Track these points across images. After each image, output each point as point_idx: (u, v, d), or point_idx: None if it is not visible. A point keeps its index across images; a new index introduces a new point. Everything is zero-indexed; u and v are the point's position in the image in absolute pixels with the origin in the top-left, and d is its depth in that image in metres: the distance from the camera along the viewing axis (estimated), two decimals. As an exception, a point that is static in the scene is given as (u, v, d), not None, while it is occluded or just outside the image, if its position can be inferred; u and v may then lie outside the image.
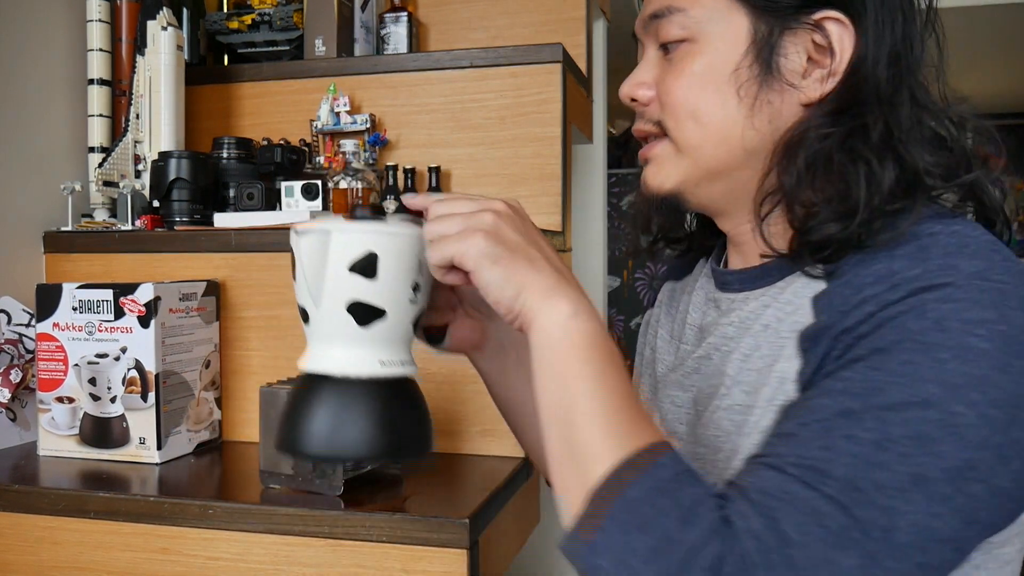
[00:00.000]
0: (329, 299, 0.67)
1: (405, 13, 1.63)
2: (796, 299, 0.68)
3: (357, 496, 1.01)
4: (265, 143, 1.49)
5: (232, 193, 1.40)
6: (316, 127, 1.51)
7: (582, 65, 1.65)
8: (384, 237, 0.67)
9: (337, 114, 1.50)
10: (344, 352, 0.68)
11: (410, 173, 1.48)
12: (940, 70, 0.72)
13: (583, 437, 0.60)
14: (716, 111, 0.71)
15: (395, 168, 1.47)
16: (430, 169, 1.48)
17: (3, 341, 1.25)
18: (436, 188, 1.47)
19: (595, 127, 1.99)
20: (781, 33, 0.70)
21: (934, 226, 0.63)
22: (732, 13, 0.71)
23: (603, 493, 0.57)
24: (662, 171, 0.76)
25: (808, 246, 0.67)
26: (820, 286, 0.67)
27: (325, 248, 0.66)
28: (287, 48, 1.61)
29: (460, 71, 1.48)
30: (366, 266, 0.67)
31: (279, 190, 1.36)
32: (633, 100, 0.77)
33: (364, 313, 0.68)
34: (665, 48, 0.75)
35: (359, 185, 1.42)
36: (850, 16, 0.69)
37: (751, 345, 0.70)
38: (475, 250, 0.64)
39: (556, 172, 1.44)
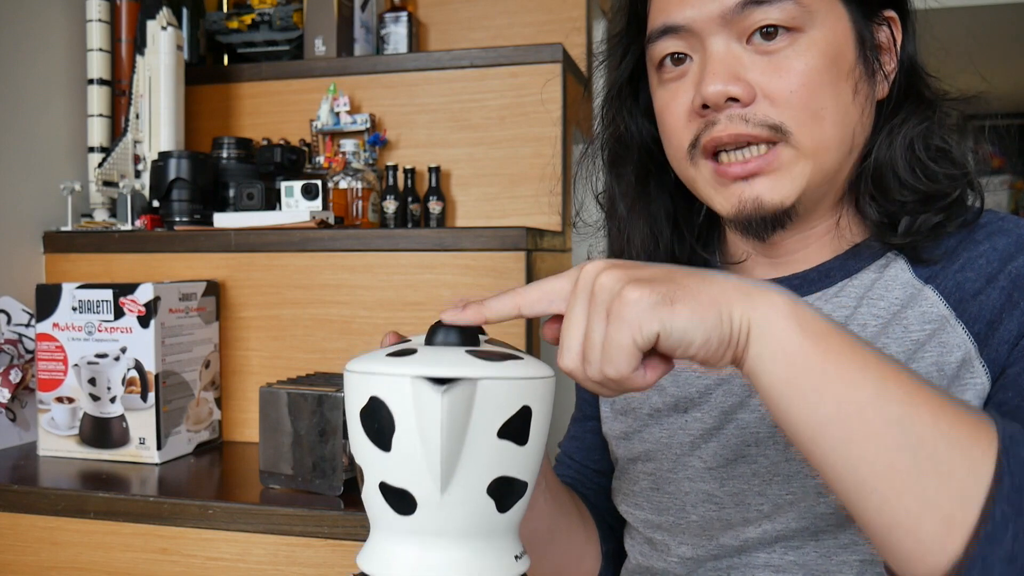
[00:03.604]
0: (465, 478, 0.48)
1: (405, 13, 1.63)
2: (891, 291, 0.69)
3: (357, 496, 1.01)
4: (265, 143, 1.50)
5: (232, 193, 1.40)
6: (316, 127, 1.51)
7: (582, 65, 1.65)
8: (539, 384, 0.50)
9: (337, 114, 1.50)
10: (474, 551, 0.50)
11: (410, 173, 1.48)
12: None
13: (933, 439, 0.48)
14: (837, 109, 0.67)
15: (395, 168, 1.47)
16: (430, 169, 1.48)
17: (3, 341, 1.25)
18: (436, 188, 1.47)
19: (594, 126, 1.99)
20: (870, 28, 0.70)
21: (984, 215, 0.69)
22: (833, 4, 0.67)
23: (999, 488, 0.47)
24: (783, 184, 0.67)
25: (922, 232, 0.68)
26: (907, 272, 0.69)
27: (469, 407, 0.47)
28: (287, 48, 1.61)
29: (460, 71, 1.48)
30: (520, 427, 0.49)
31: (279, 190, 1.36)
32: (731, 99, 0.66)
33: (507, 491, 0.50)
34: (759, 40, 0.66)
35: (359, 185, 1.42)
36: (899, 15, 0.71)
37: None
38: (641, 308, 0.48)
39: (556, 172, 1.44)
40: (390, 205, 1.45)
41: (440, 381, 0.47)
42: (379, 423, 0.49)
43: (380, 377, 0.48)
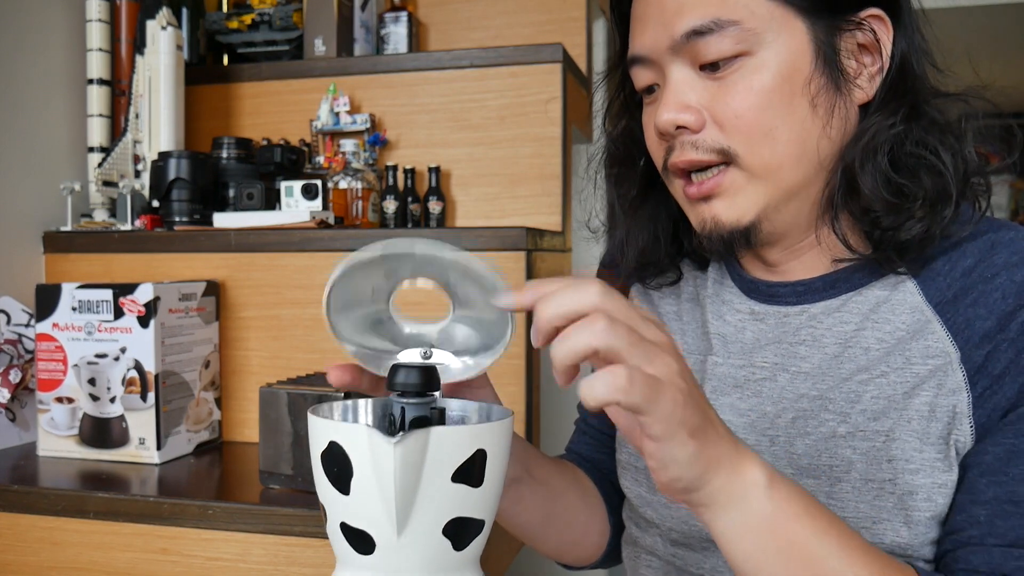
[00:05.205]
0: (420, 520, 0.50)
1: (405, 13, 1.63)
2: (897, 315, 0.68)
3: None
4: (265, 143, 1.49)
5: (232, 193, 1.40)
6: (316, 127, 1.51)
7: (582, 65, 1.65)
8: (494, 428, 0.52)
9: (337, 114, 1.50)
10: None
11: (410, 173, 1.48)
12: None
13: None
14: (792, 126, 0.67)
15: (395, 168, 1.47)
16: (430, 169, 1.48)
17: (3, 341, 1.25)
18: (436, 188, 1.47)
19: (595, 127, 1.99)
20: (837, 35, 0.68)
21: (1007, 232, 0.67)
22: (788, 19, 0.67)
23: None
24: (738, 203, 0.69)
25: (895, 245, 0.67)
26: (916, 296, 0.67)
27: (423, 456, 0.49)
28: (287, 48, 1.61)
29: (460, 71, 1.48)
30: (474, 471, 0.51)
31: (279, 190, 1.36)
32: (680, 128, 0.68)
33: (463, 531, 0.52)
34: (710, 66, 0.67)
35: (359, 185, 1.42)
36: (889, 13, 0.69)
37: (854, 367, 0.68)
38: (674, 413, 0.49)
39: (556, 172, 1.44)
40: (390, 205, 1.45)
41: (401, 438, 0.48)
42: (338, 467, 0.51)
43: (339, 424, 0.51)
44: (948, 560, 0.63)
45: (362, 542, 0.51)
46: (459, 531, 0.51)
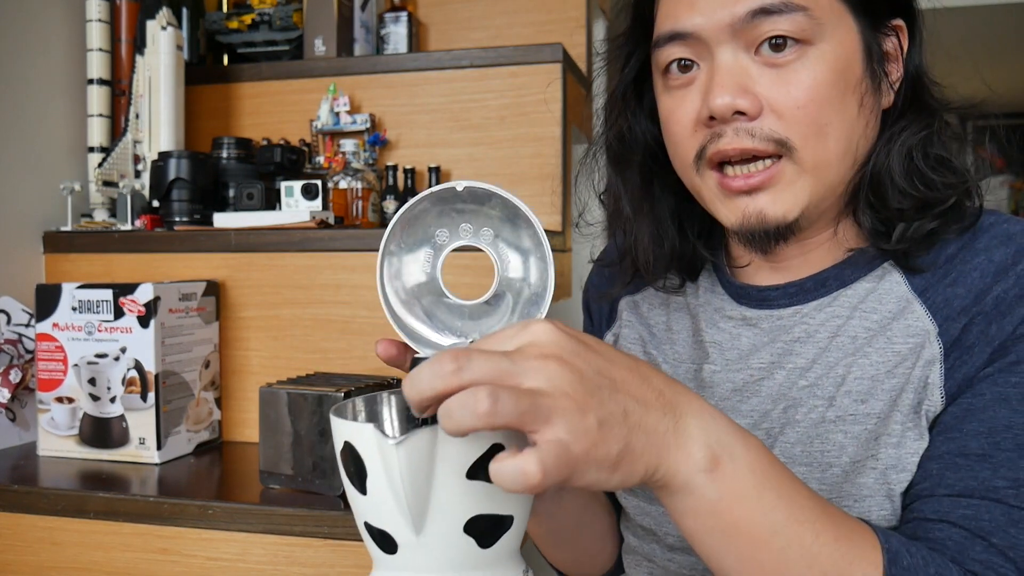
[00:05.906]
0: (438, 520, 0.48)
1: (405, 13, 1.63)
2: (884, 304, 0.69)
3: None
4: (265, 143, 1.49)
5: (232, 193, 1.40)
6: (316, 127, 1.51)
7: (582, 65, 1.65)
8: None
9: (337, 114, 1.50)
10: None
11: (410, 173, 1.48)
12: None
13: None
14: (843, 123, 0.67)
15: (395, 168, 1.47)
16: (430, 169, 1.48)
17: (3, 341, 1.25)
18: (436, 188, 1.47)
19: (595, 127, 1.99)
20: (878, 38, 0.69)
21: (989, 217, 0.68)
22: (843, 15, 0.67)
23: None
24: (786, 197, 0.67)
25: (912, 243, 0.68)
26: (902, 285, 0.69)
27: (431, 454, 0.47)
28: (287, 48, 1.61)
29: (460, 71, 1.48)
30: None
31: (279, 190, 1.36)
32: (736, 113, 0.66)
33: (488, 528, 0.50)
34: (769, 51, 0.65)
35: (359, 185, 1.42)
36: (907, 24, 0.71)
37: (841, 354, 0.69)
38: (597, 467, 0.45)
39: (556, 172, 1.44)
40: (390, 205, 1.45)
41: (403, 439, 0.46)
42: (355, 467, 0.50)
43: (350, 424, 0.50)
44: (905, 514, 0.64)
45: (385, 541, 0.50)
46: (483, 529, 0.49)
